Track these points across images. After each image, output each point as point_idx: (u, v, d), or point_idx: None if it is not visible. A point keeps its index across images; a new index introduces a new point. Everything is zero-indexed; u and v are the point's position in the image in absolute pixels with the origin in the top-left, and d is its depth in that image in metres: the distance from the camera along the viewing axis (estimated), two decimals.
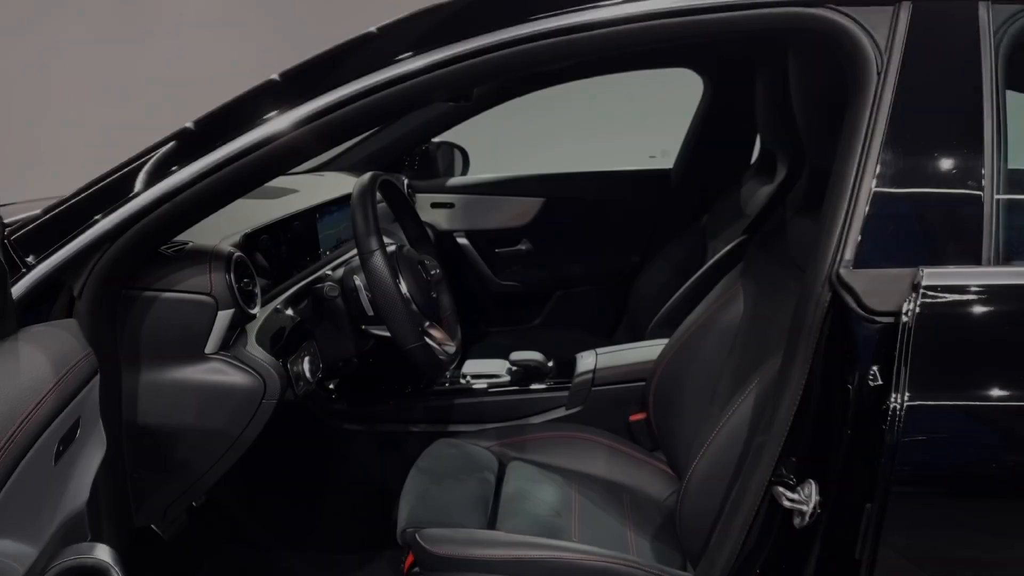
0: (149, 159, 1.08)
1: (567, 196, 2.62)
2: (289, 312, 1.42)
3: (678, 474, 1.58)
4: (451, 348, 1.49)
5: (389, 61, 1.02)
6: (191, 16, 3.74)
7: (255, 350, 1.22)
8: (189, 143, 1.07)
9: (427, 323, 1.45)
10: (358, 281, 1.45)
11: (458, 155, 2.75)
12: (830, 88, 1.16)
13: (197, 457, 1.20)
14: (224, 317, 1.17)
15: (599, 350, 1.85)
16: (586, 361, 1.81)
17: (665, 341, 1.68)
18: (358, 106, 1.02)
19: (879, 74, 0.95)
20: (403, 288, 1.39)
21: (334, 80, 1.03)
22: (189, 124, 1.09)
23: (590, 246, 2.66)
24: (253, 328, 1.28)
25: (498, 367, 1.89)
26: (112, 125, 3.29)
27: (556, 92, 2.40)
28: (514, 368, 1.85)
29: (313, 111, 1.02)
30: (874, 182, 0.94)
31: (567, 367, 1.86)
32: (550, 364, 1.85)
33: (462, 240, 2.60)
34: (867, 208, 0.94)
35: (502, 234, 2.62)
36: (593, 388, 1.76)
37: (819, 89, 1.23)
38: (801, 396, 0.97)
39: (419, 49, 1.01)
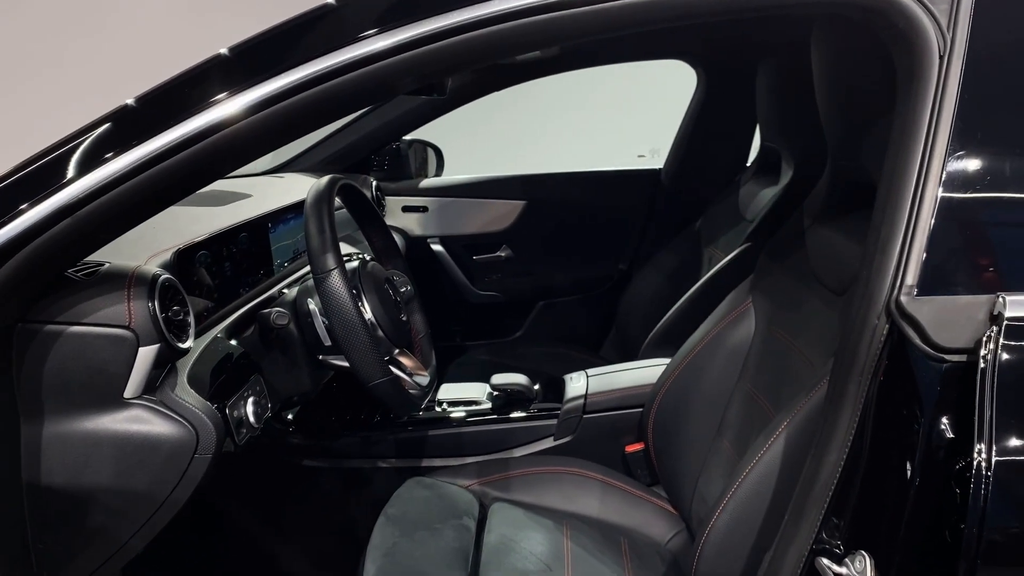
0: (50, 159, 0.87)
1: (550, 198, 2.49)
2: (232, 342, 1.22)
3: (680, 512, 1.44)
4: (424, 379, 1.29)
5: (346, 41, 0.83)
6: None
7: (186, 393, 1.02)
8: (105, 138, 0.87)
9: (395, 351, 1.25)
10: (312, 305, 1.25)
11: (432, 154, 2.61)
12: (868, 77, 1.00)
13: (116, 523, 1.00)
14: (147, 354, 0.97)
15: (590, 371, 1.68)
16: (576, 385, 1.64)
17: (664, 361, 1.55)
18: (309, 95, 0.83)
19: (942, 58, 0.80)
20: (366, 313, 1.20)
21: (280, 62, 0.84)
22: (108, 112, 0.88)
23: (575, 252, 2.54)
24: (186, 364, 1.08)
25: (477, 392, 1.70)
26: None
27: (540, 86, 2.22)
28: (495, 393, 1.67)
29: (262, 97, 0.83)
30: (940, 189, 0.78)
31: (554, 390, 1.68)
32: (535, 388, 1.67)
33: (436, 247, 2.46)
34: (932, 221, 0.78)
35: (480, 240, 2.48)
36: (584, 415, 1.60)
37: (853, 79, 1.06)
38: (850, 447, 0.81)
39: (383, 27, 0.83)
